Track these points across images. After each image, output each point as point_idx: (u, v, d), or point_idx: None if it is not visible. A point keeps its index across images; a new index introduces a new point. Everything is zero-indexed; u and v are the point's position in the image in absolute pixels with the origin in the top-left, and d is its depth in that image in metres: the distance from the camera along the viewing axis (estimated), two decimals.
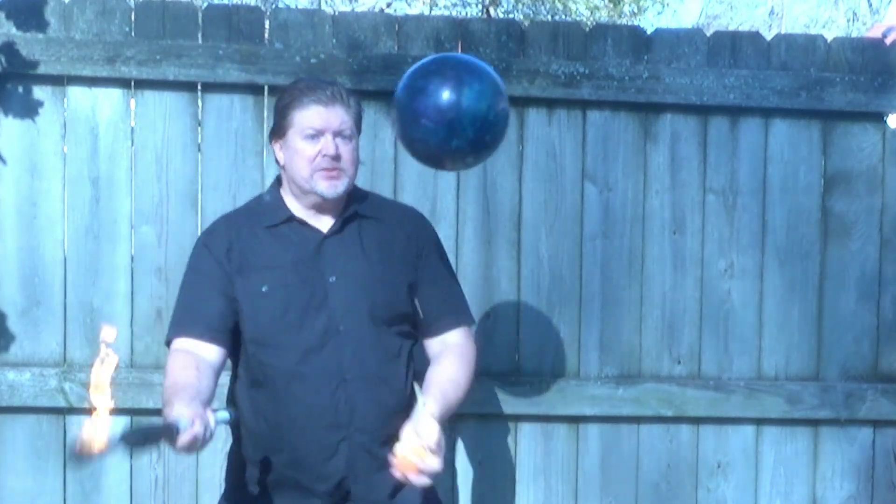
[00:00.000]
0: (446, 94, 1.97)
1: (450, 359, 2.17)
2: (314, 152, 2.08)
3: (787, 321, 2.93)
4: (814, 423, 2.95)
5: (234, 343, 2.12)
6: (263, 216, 2.17)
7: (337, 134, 2.09)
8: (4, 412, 2.68)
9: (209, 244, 2.16)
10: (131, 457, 2.74)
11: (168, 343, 2.13)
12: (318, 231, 2.15)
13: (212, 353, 2.07)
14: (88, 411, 2.56)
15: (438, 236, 2.31)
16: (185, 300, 2.15)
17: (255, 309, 2.10)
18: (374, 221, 2.19)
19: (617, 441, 2.90)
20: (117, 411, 2.67)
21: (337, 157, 2.09)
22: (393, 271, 2.16)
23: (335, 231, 2.15)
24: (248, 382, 2.13)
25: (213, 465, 2.75)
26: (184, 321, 2.12)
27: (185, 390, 1.94)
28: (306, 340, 2.08)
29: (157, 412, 2.68)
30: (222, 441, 2.75)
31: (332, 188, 2.10)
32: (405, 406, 2.10)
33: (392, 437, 2.03)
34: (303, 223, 2.15)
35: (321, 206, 2.14)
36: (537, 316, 2.85)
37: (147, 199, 2.72)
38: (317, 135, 2.09)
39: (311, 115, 2.08)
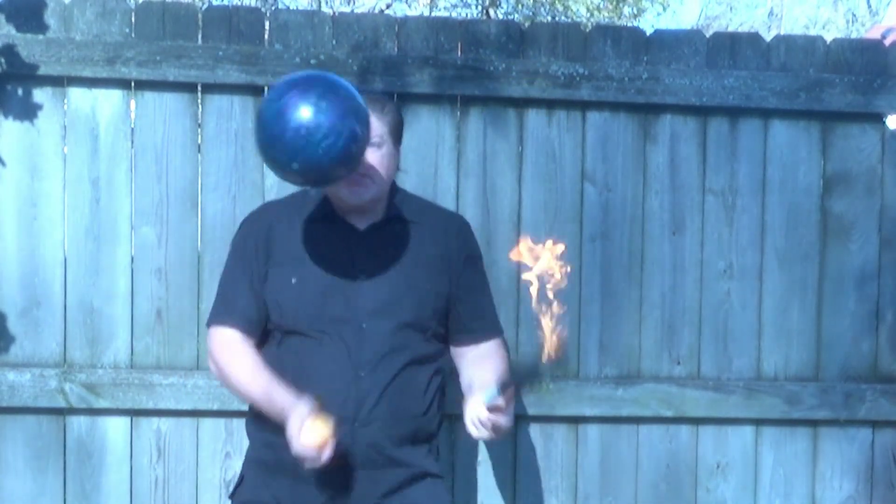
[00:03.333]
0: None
1: (493, 360, 2.25)
2: None
3: (787, 322, 2.93)
4: (813, 423, 2.95)
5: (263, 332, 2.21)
6: (306, 209, 2.22)
7: None
8: (4, 412, 2.68)
9: (250, 232, 2.25)
10: (131, 457, 2.74)
11: (210, 325, 2.25)
12: (356, 230, 2.19)
13: (251, 344, 2.19)
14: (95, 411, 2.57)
15: (478, 245, 2.38)
16: (227, 289, 2.25)
17: (282, 299, 2.15)
18: (415, 226, 2.23)
19: (616, 441, 2.90)
20: (117, 411, 2.71)
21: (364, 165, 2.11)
22: (425, 277, 2.20)
23: (373, 231, 2.19)
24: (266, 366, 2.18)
25: (213, 466, 2.76)
26: (227, 311, 2.22)
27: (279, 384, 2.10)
28: (326, 332, 2.12)
29: (157, 412, 2.71)
30: (221, 441, 2.76)
31: (354, 195, 2.14)
32: (424, 412, 2.16)
33: (404, 439, 2.08)
34: (341, 221, 2.19)
35: (357, 210, 2.19)
36: (537, 316, 2.85)
37: (147, 200, 2.73)
38: None
39: None
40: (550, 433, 2.87)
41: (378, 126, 2.14)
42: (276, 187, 2.73)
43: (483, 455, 2.85)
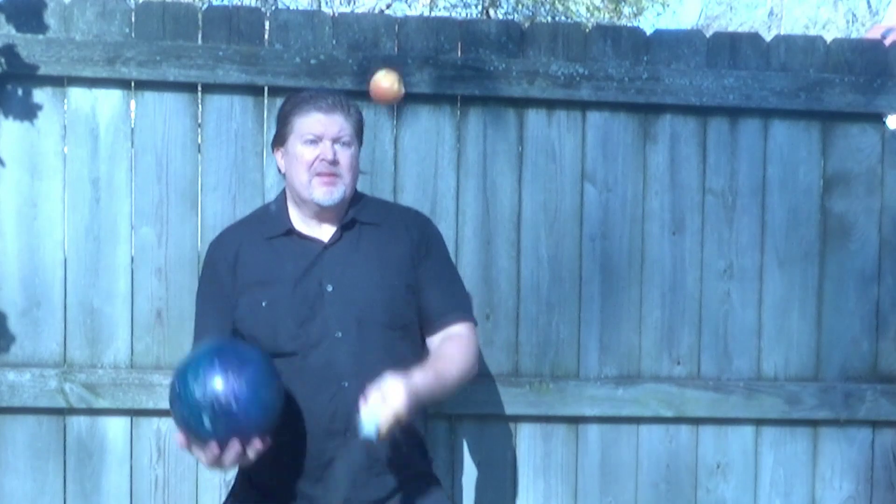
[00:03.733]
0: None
1: (448, 342, 2.18)
2: (312, 157, 2.12)
3: (787, 322, 2.93)
4: (813, 423, 2.95)
5: None
6: (266, 227, 2.21)
7: (335, 140, 2.13)
8: (4, 412, 2.68)
9: (213, 261, 2.24)
10: (131, 457, 2.74)
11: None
12: (318, 242, 2.17)
13: None
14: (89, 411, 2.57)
15: (441, 235, 2.32)
16: (198, 314, 2.26)
17: (255, 323, 2.13)
18: (373, 227, 2.21)
19: (616, 441, 2.90)
20: (117, 411, 2.71)
21: (334, 163, 2.12)
22: (391, 275, 2.17)
23: (335, 241, 2.17)
24: None
25: None
26: (197, 337, 2.22)
27: None
28: (302, 349, 2.10)
29: (158, 412, 2.71)
30: None
31: (328, 195, 2.13)
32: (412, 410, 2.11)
33: (397, 442, 2.07)
34: (302, 236, 2.18)
35: (321, 215, 2.17)
36: (537, 316, 2.85)
37: (147, 200, 2.73)
38: (316, 140, 2.13)
39: (311, 122, 2.12)
40: (550, 433, 2.87)
41: (346, 126, 2.14)
42: (275, 187, 2.74)
43: (483, 455, 2.85)
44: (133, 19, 2.70)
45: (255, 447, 1.95)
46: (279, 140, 2.19)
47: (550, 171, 2.85)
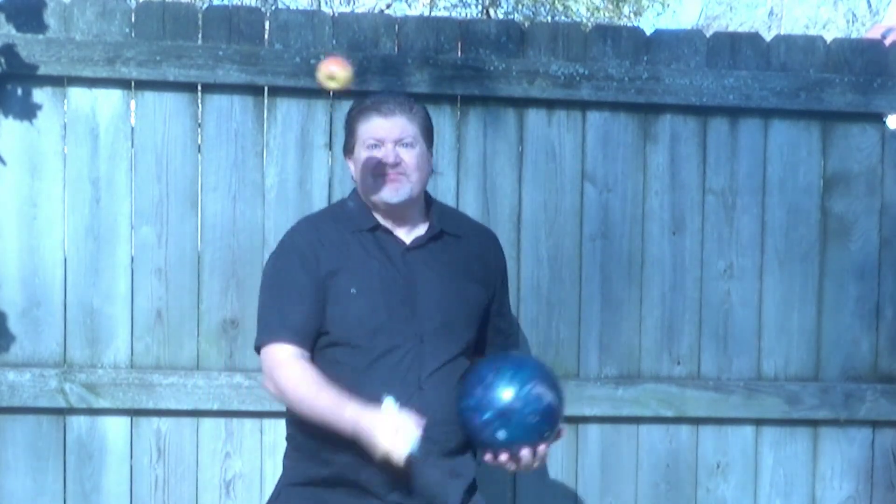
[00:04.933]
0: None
1: None
2: (376, 161, 2.14)
3: (787, 321, 2.93)
4: (813, 423, 2.95)
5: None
6: (350, 221, 2.21)
7: (398, 142, 2.15)
8: (4, 412, 2.68)
9: (297, 246, 2.19)
10: (131, 457, 2.74)
11: (262, 346, 2.16)
12: (402, 241, 2.19)
13: (307, 358, 2.13)
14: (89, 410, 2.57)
15: (507, 262, 2.41)
16: (276, 304, 2.16)
17: (343, 310, 2.12)
18: (457, 240, 2.25)
19: (617, 441, 2.90)
20: (117, 411, 2.71)
21: (397, 164, 2.14)
22: (473, 292, 2.23)
23: (419, 245, 2.20)
24: None
25: (213, 466, 2.76)
26: (280, 327, 2.13)
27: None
28: (386, 346, 2.11)
29: (157, 412, 2.71)
30: (221, 441, 2.76)
31: (394, 192, 2.15)
32: None
33: (456, 451, 2.14)
34: (388, 232, 2.19)
35: (398, 217, 2.20)
36: (537, 316, 2.85)
37: (147, 200, 2.73)
38: (378, 144, 2.15)
39: (373, 127, 2.15)
40: None
41: (409, 127, 2.16)
42: (275, 187, 2.74)
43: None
44: (133, 19, 2.70)
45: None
46: (348, 149, 2.22)
47: (550, 171, 2.85)
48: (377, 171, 2.14)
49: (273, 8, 8.60)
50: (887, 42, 3.06)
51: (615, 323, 2.87)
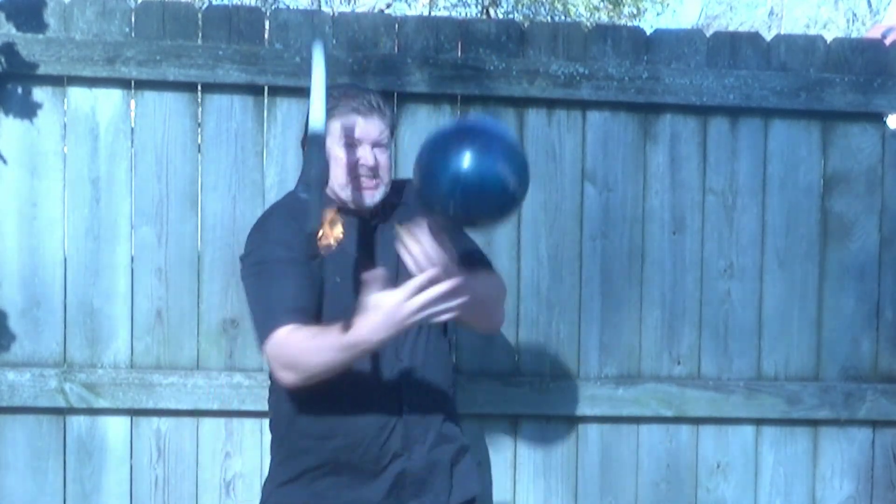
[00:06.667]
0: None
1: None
2: (352, 161, 2.11)
3: (787, 321, 2.93)
4: (813, 423, 2.95)
5: None
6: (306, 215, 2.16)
7: (375, 144, 2.12)
8: (4, 412, 2.68)
9: (275, 236, 2.12)
10: (131, 457, 2.74)
11: (268, 335, 2.04)
12: (365, 220, 2.16)
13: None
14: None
15: None
16: (271, 290, 2.08)
17: (331, 297, 2.11)
18: (403, 207, 2.21)
19: (617, 441, 2.90)
20: (117, 411, 2.71)
21: (375, 168, 2.12)
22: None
23: (382, 219, 2.17)
24: None
25: (213, 465, 2.76)
26: (279, 310, 2.05)
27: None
28: None
29: (157, 412, 2.71)
30: (221, 441, 2.76)
31: (370, 197, 2.14)
32: (451, 383, 2.24)
33: (447, 415, 2.18)
34: (351, 212, 2.13)
35: (369, 210, 2.18)
36: (537, 316, 2.85)
37: (147, 200, 2.73)
38: (355, 144, 2.12)
39: (351, 125, 2.11)
40: (550, 433, 2.87)
41: (384, 129, 2.15)
42: (275, 187, 2.74)
43: (483, 455, 2.85)
44: (133, 19, 2.70)
45: None
46: None
47: (550, 171, 2.85)
48: (353, 173, 2.12)
49: (273, 8, 8.60)
50: (887, 42, 3.06)
51: (615, 323, 2.87)
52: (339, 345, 1.94)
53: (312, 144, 1.99)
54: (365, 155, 2.11)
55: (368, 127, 2.12)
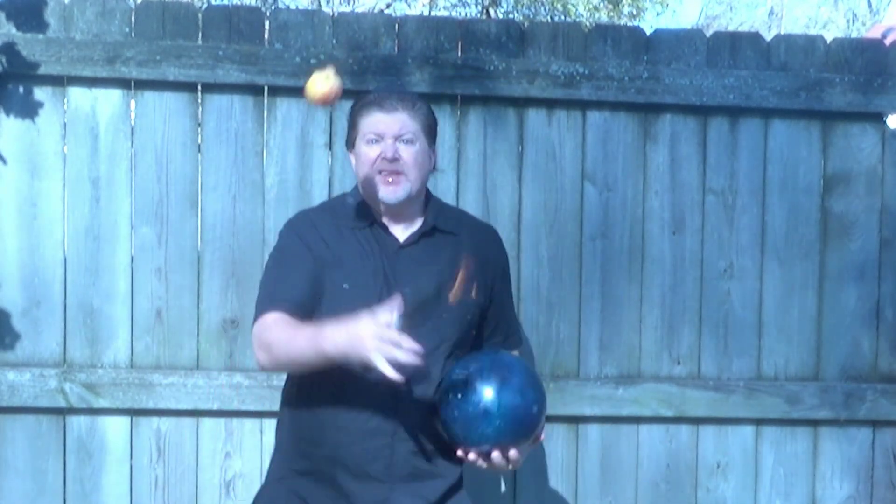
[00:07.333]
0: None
1: None
2: (375, 155, 2.13)
3: (787, 321, 2.93)
4: (813, 423, 2.95)
5: None
6: (348, 217, 2.21)
7: (397, 138, 2.13)
8: (4, 412, 2.68)
9: (298, 230, 2.21)
10: (131, 457, 2.74)
11: (258, 316, 2.12)
12: (396, 239, 2.19)
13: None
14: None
15: (508, 258, 2.39)
16: (277, 278, 2.16)
17: (334, 303, 2.11)
18: (450, 237, 2.23)
19: (617, 441, 2.90)
20: (117, 411, 2.71)
21: (395, 160, 2.12)
22: (467, 292, 2.20)
23: (411, 242, 2.19)
24: (304, 373, 2.14)
25: (213, 465, 2.76)
26: (272, 299, 2.12)
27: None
28: None
29: (157, 412, 2.71)
30: (221, 441, 2.77)
31: (392, 193, 2.15)
32: None
33: (442, 451, 2.14)
34: (384, 228, 2.19)
35: (395, 214, 2.19)
36: (537, 316, 2.85)
37: (147, 200, 2.73)
38: (378, 139, 2.13)
39: (373, 121, 2.14)
40: (550, 433, 2.86)
41: (410, 123, 2.15)
42: (275, 187, 2.74)
43: None
44: (133, 19, 2.70)
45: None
46: (350, 142, 2.21)
47: (550, 171, 2.85)
48: (375, 167, 2.13)
49: (273, 8, 8.60)
50: (887, 42, 3.06)
51: (615, 323, 2.87)
52: (305, 343, 2.00)
53: None
54: (385, 148, 2.12)
55: (390, 121, 2.13)
